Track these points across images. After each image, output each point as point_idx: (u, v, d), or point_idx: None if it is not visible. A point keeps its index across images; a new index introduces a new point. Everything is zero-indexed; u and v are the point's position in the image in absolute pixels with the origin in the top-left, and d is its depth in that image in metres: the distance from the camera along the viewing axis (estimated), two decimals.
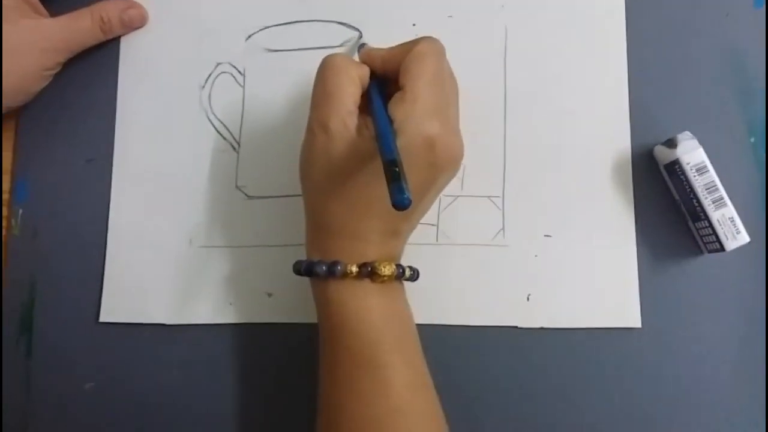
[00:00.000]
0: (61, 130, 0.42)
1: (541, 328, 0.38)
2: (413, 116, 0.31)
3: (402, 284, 0.35)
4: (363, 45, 0.39)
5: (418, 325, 0.38)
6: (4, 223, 0.42)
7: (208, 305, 0.40)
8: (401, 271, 0.33)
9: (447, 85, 0.34)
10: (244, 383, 0.39)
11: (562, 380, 0.37)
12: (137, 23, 0.42)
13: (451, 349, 0.38)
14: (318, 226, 0.34)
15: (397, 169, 0.28)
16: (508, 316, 0.38)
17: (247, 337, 0.39)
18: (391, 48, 0.35)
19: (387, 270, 0.32)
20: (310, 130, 0.33)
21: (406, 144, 0.31)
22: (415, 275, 0.35)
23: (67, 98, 0.42)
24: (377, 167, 0.29)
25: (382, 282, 0.33)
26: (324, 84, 0.33)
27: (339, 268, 0.32)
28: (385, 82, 0.35)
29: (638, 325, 0.37)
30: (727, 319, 0.37)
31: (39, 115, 0.42)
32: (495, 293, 0.38)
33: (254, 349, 0.39)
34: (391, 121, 0.32)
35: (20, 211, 0.42)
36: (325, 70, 0.33)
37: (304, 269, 0.33)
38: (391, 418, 0.31)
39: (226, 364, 0.39)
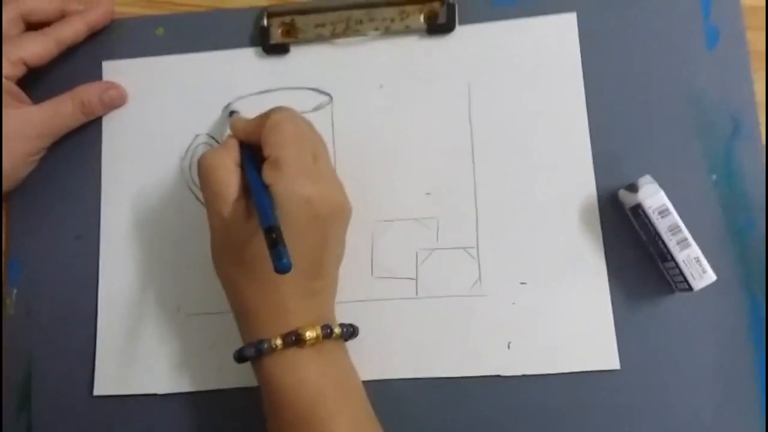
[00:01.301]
0: (49, 210, 0.44)
1: (523, 376, 0.39)
2: (284, 181, 0.34)
3: (340, 344, 0.36)
4: (233, 112, 0.42)
5: (402, 379, 0.39)
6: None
7: (198, 372, 0.41)
8: (328, 331, 0.34)
9: (308, 144, 0.36)
10: None
11: (547, 425, 0.38)
12: (117, 103, 0.44)
13: (435, 401, 0.39)
14: (241, 312, 0.36)
15: (274, 235, 0.30)
16: (491, 365, 0.39)
17: (235, 402, 0.40)
18: (250, 121, 0.38)
19: (311, 333, 0.33)
20: (211, 227, 0.36)
21: (286, 208, 0.33)
22: (348, 332, 0.36)
23: (54, 179, 0.44)
24: None
25: (312, 346, 0.34)
26: (208, 184, 0.36)
27: (265, 345, 0.33)
28: (256, 148, 0.37)
29: (617, 366, 0.38)
30: (702, 354, 0.38)
31: (28, 198, 0.44)
32: (476, 343, 0.39)
33: (244, 412, 0.40)
34: (266, 188, 0.34)
35: (14, 291, 0.43)
36: (204, 171, 0.36)
37: (236, 357, 0.35)
38: None
39: (218, 429, 0.40)
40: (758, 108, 0.40)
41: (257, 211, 0.33)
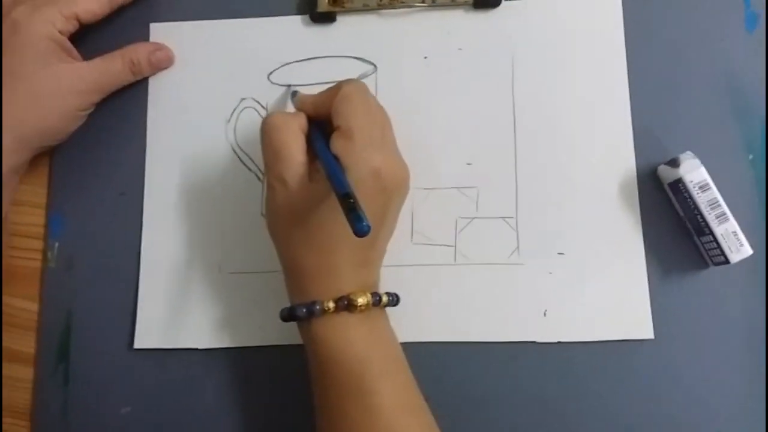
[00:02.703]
0: (93, 166, 0.44)
1: (558, 343, 0.40)
2: (354, 151, 0.34)
3: (383, 311, 0.37)
4: (295, 92, 0.42)
5: (439, 342, 0.40)
6: (40, 256, 0.44)
7: (238, 329, 0.41)
8: (377, 298, 0.35)
9: (377, 117, 0.36)
10: (275, 403, 0.41)
11: (580, 391, 0.39)
12: (165, 64, 0.44)
13: (472, 365, 0.40)
14: (293, 272, 0.36)
15: (352, 201, 0.30)
16: (527, 331, 0.40)
17: (275, 359, 0.41)
18: (320, 94, 0.38)
19: (363, 300, 0.34)
20: (270, 187, 0.36)
21: (355, 178, 0.33)
22: (393, 300, 0.37)
23: (99, 135, 0.44)
24: (335, 205, 0.32)
25: (361, 312, 0.34)
26: (271, 144, 0.36)
27: (317, 307, 0.34)
28: (323, 123, 0.37)
29: (651, 336, 0.39)
30: (734, 326, 0.39)
31: (72, 152, 0.44)
32: (513, 310, 0.40)
33: (283, 369, 0.41)
34: (336, 159, 0.34)
35: (56, 244, 0.44)
36: (269, 131, 0.36)
37: (286, 315, 0.35)
38: None
39: (257, 384, 0.41)
40: None
41: (330, 179, 0.33)
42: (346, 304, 0.34)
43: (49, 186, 0.45)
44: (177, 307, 0.42)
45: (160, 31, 0.45)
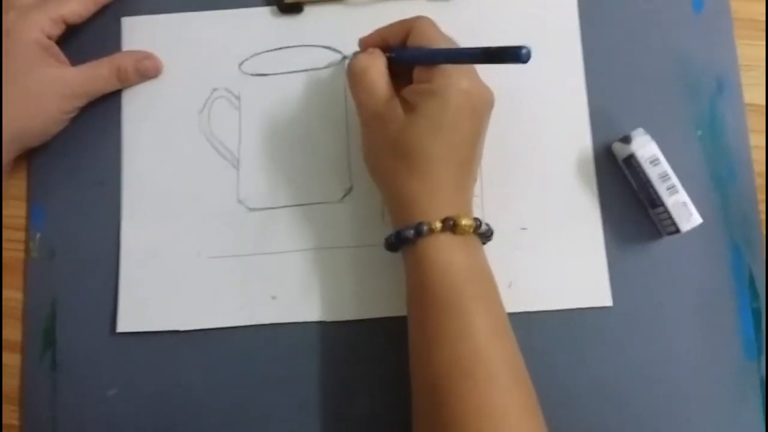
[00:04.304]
0: (71, 157, 0.45)
1: (524, 312, 0.42)
2: (443, 76, 0.36)
3: (480, 242, 0.38)
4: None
5: (403, 317, 0.42)
6: (23, 247, 0.45)
7: (218, 310, 0.43)
8: (479, 223, 0.37)
9: (453, 45, 0.39)
10: (259, 381, 0.42)
11: (546, 358, 0.41)
12: (152, 73, 0.45)
13: None
14: (399, 200, 0.37)
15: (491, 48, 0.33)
16: None
17: (256, 338, 0.43)
18: (387, 27, 0.40)
19: (466, 221, 0.36)
20: (365, 125, 0.38)
21: (447, 99, 0.35)
22: (490, 231, 0.39)
23: (77, 127, 0.45)
24: (433, 134, 0.35)
25: (463, 234, 0.36)
26: (361, 84, 0.38)
27: (424, 227, 0.35)
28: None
29: (609, 303, 0.42)
30: (687, 292, 0.42)
31: (50, 144, 0.45)
32: None
33: (263, 347, 0.43)
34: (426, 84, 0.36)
35: (38, 234, 0.45)
36: (359, 72, 0.38)
37: (394, 238, 0.37)
38: (474, 360, 0.34)
39: (239, 363, 0.43)
40: (740, 70, 0.44)
41: (454, 56, 0.37)
42: (451, 225, 0.36)
43: (29, 178, 0.46)
44: (158, 291, 0.43)
45: (132, 25, 0.46)
